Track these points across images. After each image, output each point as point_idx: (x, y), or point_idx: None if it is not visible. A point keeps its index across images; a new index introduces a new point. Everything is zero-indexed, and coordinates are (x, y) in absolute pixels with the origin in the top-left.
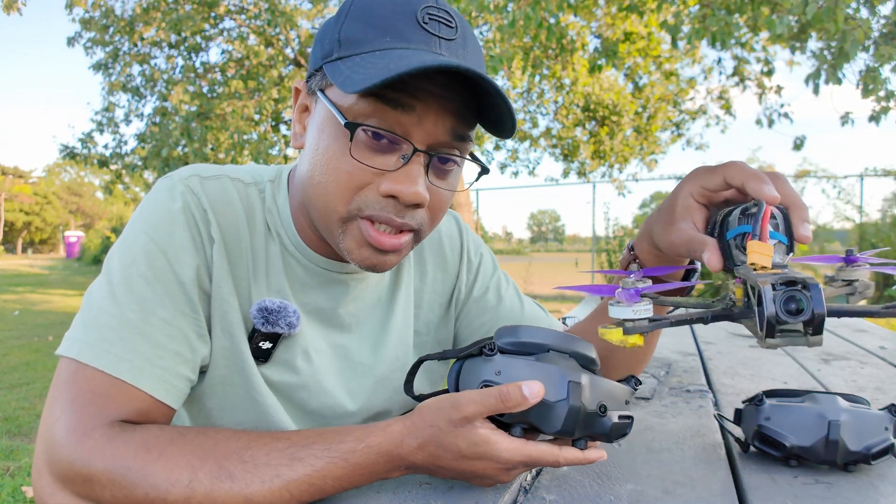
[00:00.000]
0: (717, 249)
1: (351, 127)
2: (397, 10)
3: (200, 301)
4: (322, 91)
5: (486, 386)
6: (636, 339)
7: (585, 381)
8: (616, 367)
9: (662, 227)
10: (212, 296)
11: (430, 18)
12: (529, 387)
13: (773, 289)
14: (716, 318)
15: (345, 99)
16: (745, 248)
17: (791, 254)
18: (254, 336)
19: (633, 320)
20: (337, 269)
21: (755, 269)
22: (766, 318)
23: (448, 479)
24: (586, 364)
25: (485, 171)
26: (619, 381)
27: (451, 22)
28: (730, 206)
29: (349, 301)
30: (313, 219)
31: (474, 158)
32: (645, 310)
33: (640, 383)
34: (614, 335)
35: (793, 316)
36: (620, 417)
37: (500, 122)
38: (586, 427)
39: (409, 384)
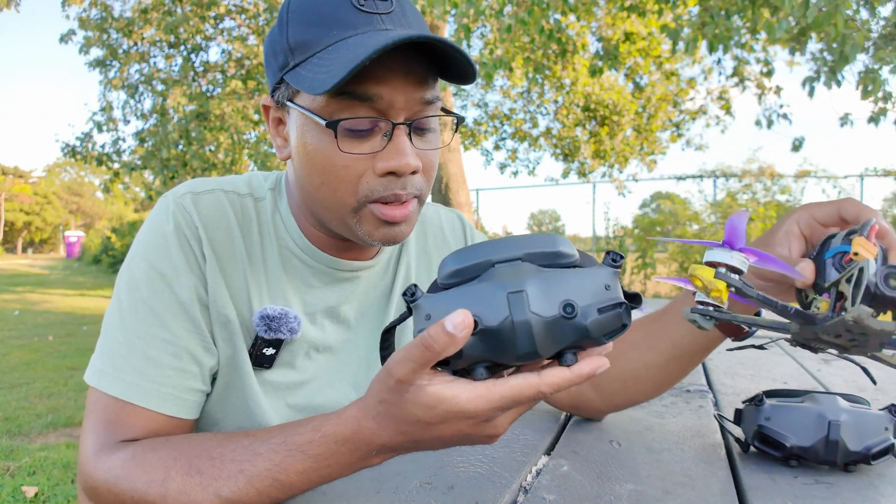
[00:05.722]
0: (812, 264)
1: (333, 125)
2: (332, 1)
3: (202, 316)
4: (291, 101)
5: None
6: (722, 288)
7: (533, 284)
8: (649, 380)
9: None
10: (210, 309)
11: None
12: (452, 320)
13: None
14: (798, 314)
15: (315, 101)
16: (842, 267)
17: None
18: (257, 343)
19: (727, 265)
20: (345, 268)
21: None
22: (866, 284)
23: (438, 449)
24: (550, 261)
25: (461, 120)
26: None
27: None
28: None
29: (355, 297)
30: (322, 217)
31: (447, 112)
32: (741, 262)
33: (623, 257)
34: (705, 272)
35: (890, 288)
36: (601, 310)
37: (462, 72)
38: (558, 338)
39: (385, 360)
